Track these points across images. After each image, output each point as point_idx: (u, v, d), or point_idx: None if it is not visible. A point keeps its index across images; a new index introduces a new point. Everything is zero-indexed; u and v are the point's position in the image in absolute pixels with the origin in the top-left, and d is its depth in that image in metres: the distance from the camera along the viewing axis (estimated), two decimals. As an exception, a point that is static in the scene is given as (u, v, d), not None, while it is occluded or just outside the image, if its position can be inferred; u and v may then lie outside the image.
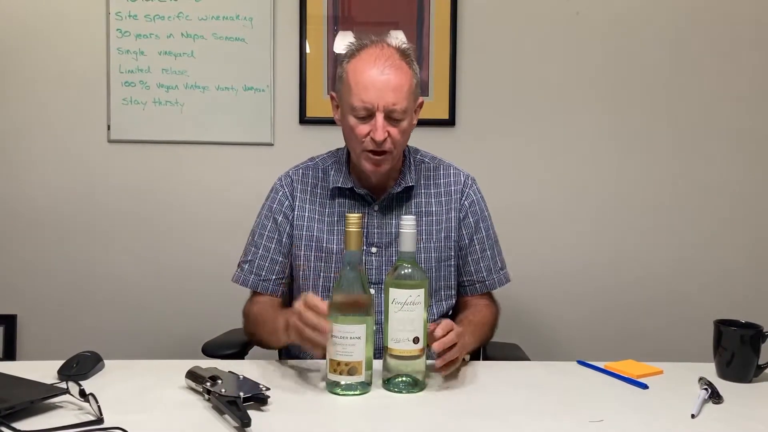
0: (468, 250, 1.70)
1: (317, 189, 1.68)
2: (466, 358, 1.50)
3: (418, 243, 1.62)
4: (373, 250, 1.63)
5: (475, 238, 1.70)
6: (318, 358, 1.39)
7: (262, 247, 1.67)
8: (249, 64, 2.48)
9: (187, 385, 1.30)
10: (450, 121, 2.49)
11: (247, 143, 2.51)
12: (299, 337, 1.32)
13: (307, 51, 2.48)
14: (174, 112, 2.50)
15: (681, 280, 2.53)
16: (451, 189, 1.70)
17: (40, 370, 1.34)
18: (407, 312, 1.30)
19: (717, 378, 1.42)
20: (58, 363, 1.39)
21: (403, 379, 1.32)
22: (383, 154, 1.55)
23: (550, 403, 1.29)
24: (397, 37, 2.35)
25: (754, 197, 2.53)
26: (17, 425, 1.12)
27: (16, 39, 2.48)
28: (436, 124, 2.46)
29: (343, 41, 2.39)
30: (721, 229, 2.53)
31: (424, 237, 1.65)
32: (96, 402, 1.16)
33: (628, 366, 1.47)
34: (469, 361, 1.53)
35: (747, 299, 2.49)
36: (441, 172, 1.72)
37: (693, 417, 1.22)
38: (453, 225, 1.68)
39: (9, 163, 2.52)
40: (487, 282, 1.71)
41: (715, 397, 1.30)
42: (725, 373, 1.43)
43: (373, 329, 1.33)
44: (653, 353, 1.68)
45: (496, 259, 1.73)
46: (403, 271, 1.33)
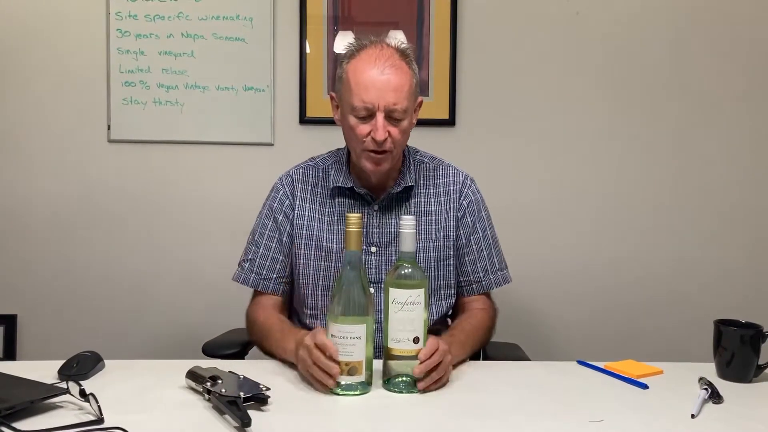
0: (465, 250, 1.70)
1: (317, 189, 1.68)
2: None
3: (417, 243, 1.61)
4: (373, 249, 1.63)
5: (472, 238, 1.70)
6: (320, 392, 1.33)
7: (263, 246, 1.67)
8: (249, 64, 2.48)
9: (187, 385, 1.30)
10: (450, 121, 2.49)
11: (247, 143, 2.51)
12: (306, 373, 1.33)
13: (307, 51, 2.48)
14: (174, 112, 2.49)
15: (681, 280, 2.53)
16: (450, 189, 1.70)
17: (40, 370, 1.34)
18: (407, 312, 1.30)
19: (717, 378, 1.42)
20: (58, 363, 1.39)
21: (403, 379, 1.32)
22: (384, 154, 1.55)
23: (550, 403, 1.29)
24: (397, 37, 2.34)
25: (754, 197, 2.53)
26: (17, 425, 1.12)
27: (16, 39, 2.48)
28: (436, 124, 2.46)
29: (343, 41, 2.39)
30: (721, 229, 2.53)
31: (423, 237, 1.65)
32: (96, 402, 1.16)
33: (628, 366, 1.47)
34: (469, 362, 1.53)
35: (747, 299, 2.49)
36: (440, 172, 1.72)
37: (693, 417, 1.22)
38: (451, 225, 1.68)
39: (9, 162, 2.52)
40: (484, 282, 1.71)
41: (715, 397, 1.30)
42: (725, 373, 1.43)
43: (373, 329, 1.33)
44: (653, 353, 1.69)
45: (493, 260, 1.72)
46: (403, 271, 1.33)
